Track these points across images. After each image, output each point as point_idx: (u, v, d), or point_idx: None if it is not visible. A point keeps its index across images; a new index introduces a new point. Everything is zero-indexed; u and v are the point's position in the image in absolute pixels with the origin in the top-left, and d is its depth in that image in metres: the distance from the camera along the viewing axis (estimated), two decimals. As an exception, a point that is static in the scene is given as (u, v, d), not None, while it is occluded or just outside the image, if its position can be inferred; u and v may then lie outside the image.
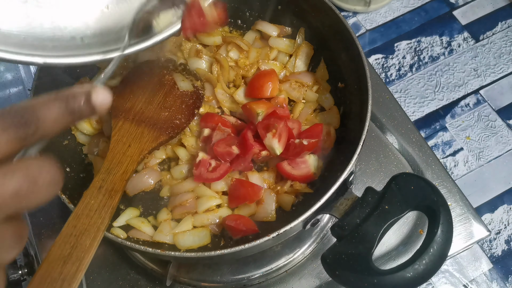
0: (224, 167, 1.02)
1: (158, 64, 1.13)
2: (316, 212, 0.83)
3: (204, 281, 1.10)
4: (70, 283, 0.70)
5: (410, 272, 0.77)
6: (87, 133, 1.10)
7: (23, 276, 1.09)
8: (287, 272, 1.12)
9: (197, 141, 1.09)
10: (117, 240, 0.86)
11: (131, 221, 1.00)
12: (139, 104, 1.03)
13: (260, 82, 1.11)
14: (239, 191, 1.01)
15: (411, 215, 1.15)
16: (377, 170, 1.20)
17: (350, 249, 0.80)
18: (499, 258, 1.38)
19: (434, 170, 1.19)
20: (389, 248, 1.13)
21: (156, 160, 1.09)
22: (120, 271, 1.12)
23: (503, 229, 1.43)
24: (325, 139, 1.06)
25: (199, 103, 1.10)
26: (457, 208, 1.16)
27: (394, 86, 1.62)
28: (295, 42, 1.18)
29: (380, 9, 1.74)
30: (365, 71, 0.95)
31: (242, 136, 1.02)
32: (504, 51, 1.66)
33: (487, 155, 1.51)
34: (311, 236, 1.14)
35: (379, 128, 1.24)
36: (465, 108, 1.58)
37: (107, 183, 0.85)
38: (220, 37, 1.18)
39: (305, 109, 1.12)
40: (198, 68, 1.15)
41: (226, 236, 1.00)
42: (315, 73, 1.15)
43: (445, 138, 1.54)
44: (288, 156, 1.02)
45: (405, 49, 1.68)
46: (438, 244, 0.78)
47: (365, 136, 0.90)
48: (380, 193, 0.84)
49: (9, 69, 1.39)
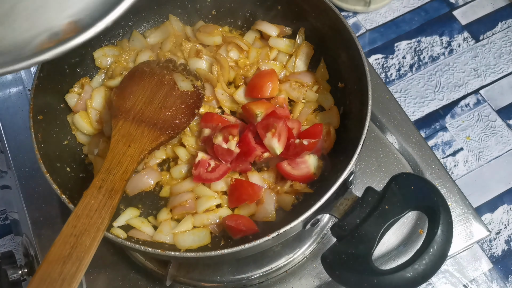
0: (224, 168, 1.02)
1: (158, 65, 1.13)
2: (316, 212, 0.83)
3: (204, 281, 1.10)
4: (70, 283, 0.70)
5: (410, 272, 0.77)
6: (87, 133, 1.10)
7: (23, 276, 1.09)
8: (287, 272, 1.12)
9: (197, 141, 1.09)
10: (117, 240, 0.86)
11: (131, 221, 1.00)
12: (139, 104, 1.03)
13: (260, 82, 1.11)
14: (239, 191, 1.01)
15: (411, 215, 1.15)
16: (377, 170, 1.20)
17: (350, 249, 0.81)
18: (499, 258, 1.38)
19: (434, 170, 1.19)
20: (389, 248, 1.13)
21: (156, 160, 1.09)
22: (120, 271, 1.12)
23: (503, 229, 1.43)
24: (325, 139, 1.06)
25: (199, 103, 1.09)
26: (457, 208, 1.16)
27: (394, 86, 1.62)
28: (295, 42, 1.18)
29: (380, 9, 1.74)
30: (365, 71, 0.95)
31: (243, 138, 1.02)
32: (504, 51, 1.66)
33: (487, 155, 1.51)
34: (311, 236, 1.14)
35: (379, 128, 1.24)
36: (465, 108, 1.58)
37: (107, 183, 0.85)
38: (220, 37, 1.18)
39: (305, 109, 1.12)
40: (198, 68, 1.15)
41: (226, 236, 1.00)
42: (315, 73, 1.15)
43: (445, 138, 1.54)
44: (288, 156, 1.02)
45: (405, 49, 1.68)
46: (438, 244, 0.78)
47: (365, 136, 0.90)
48: (380, 193, 0.84)
49: (9, 69, 1.39)
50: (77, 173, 1.05)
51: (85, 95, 1.10)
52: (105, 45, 1.18)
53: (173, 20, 1.21)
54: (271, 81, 1.11)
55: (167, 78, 1.09)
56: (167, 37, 1.20)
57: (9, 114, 1.32)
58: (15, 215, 1.41)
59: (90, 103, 1.10)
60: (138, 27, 1.22)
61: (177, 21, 1.22)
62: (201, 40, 1.19)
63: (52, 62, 1.02)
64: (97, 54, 1.16)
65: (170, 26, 1.20)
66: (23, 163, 1.24)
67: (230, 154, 1.01)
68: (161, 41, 1.21)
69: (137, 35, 1.20)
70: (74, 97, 1.10)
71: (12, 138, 1.27)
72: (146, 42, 1.21)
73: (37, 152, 0.92)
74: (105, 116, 1.10)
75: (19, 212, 1.31)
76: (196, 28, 1.22)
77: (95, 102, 1.10)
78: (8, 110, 1.32)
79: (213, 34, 1.18)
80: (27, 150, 1.24)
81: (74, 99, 1.10)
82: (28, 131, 0.94)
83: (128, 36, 1.21)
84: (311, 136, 1.02)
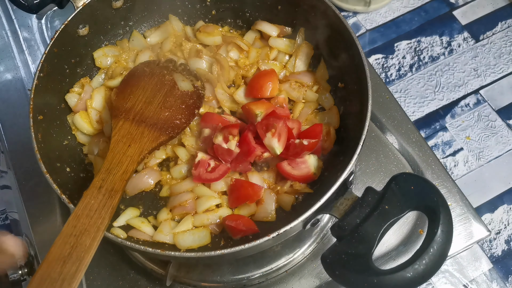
0: (223, 168, 1.02)
1: (158, 65, 1.13)
2: (316, 212, 0.83)
3: (204, 281, 1.10)
4: (70, 283, 0.70)
5: (410, 272, 0.77)
6: (87, 133, 1.10)
7: (23, 276, 1.09)
8: (287, 272, 1.12)
9: (197, 141, 1.09)
10: (117, 240, 0.86)
11: (131, 221, 1.00)
12: (139, 104, 1.03)
13: (260, 82, 1.11)
14: (239, 191, 1.01)
15: (411, 215, 1.15)
16: (377, 170, 1.20)
17: (350, 249, 0.80)
18: (499, 258, 1.38)
19: (434, 170, 1.19)
20: (389, 248, 1.13)
21: (156, 160, 1.09)
22: (120, 271, 1.12)
23: (503, 229, 1.43)
24: (325, 139, 1.06)
25: (199, 103, 1.10)
26: (457, 208, 1.16)
27: (394, 86, 1.62)
28: (295, 42, 1.18)
29: (380, 9, 1.74)
30: (365, 71, 0.95)
31: (243, 139, 1.02)
32: (504, 51, 1.66)
33: (487, 155, 1.51)
34: (311, 236, 1.14)
35: (379, 128, 1.24)
36: (465, 108, 1.58)
37: (107, 183, 0.85)
38: (220, 37, 1.18)
39: (305, 109, 1.12)
40: (198, 68, 1.15)
41: (226, 236, 1.00)
42: (315, 73, 1.15)
43: (445, 138, 1.54)
44: (288, 156, 1.02)
45: (405, 49, 1.68)
46: (438, 244, 0.78)
47: (365, 136, 0.90)
48: (380, 193, 0.84)
49: (9, 69, 1.39)
50: (77, 173, 1.05)
51: (85, 95, 1.10)
52: (105, 45, 1.18)
53: (173, 20, 1.21)
54: (271, 81, 1.11)
55: (167, 78, 1.09)
56: (167, 37, 1.20)
57: (9, 114, 1.32)
58: (15, 215, 1.41)
59: (90, 103, 1.10)
60: (138, 27, 1.22)
61: (177, 21, 1.22)
62: (201, 40, 1.19)
63: (52, 62, 1.03)
64: (97, 54, 1.16)
65: (170, 26, 1.20)
66: (23, 163, 1.24)
67: (230, 154, 1.01)
68: (161, 41, 1.21)
69: (137, 35, 1.20)
70: (74, 97, 1.10)
71: (12, 138, 1.27)
72: (146, 42, 1.21)
73: (37, 152, 0.92)
74: (105, 116, 1.10)
75: (19, 212, 1.31)
76: (196, 28, 1.22)
77: (95, 102, 1.10)
78: (8, 110, 1.32)
79: (213, 34, 1.18)
80: (27, 150, 1.24)
81: (74, 99, 1.10)
82: (28, 131, 0.94)
83: (128, 36, 1.21)
84: (311, 136, 1.02)
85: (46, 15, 1.49)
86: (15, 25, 1.47)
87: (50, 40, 1.02)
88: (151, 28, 1.23)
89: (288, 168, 1.01)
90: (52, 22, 1.49)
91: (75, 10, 1.05)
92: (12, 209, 1.45)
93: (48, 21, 1.49)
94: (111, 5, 1.12)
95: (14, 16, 1.48)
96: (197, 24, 1.23)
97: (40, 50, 1.44)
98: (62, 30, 1.03)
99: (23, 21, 1.48)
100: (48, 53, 1.01)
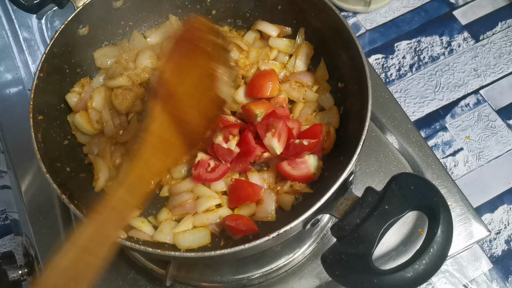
0: (223, 168, 1.02)
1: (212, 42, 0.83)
2: (316, 212, 0.83)
3: (204, 281, 1.10)
4: None
5: (410, 272, 0.77)
6: (87, 133, 1.10)
7: (23, 276, 1.09)
8: (287, 272, 1.12)
9: (197, 141, 1.09)
10: (117, 240, 0.86)
11: (131, 221, 1.00)
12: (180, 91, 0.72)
13: (260, 82, 1.11)
14: (239, 191, 1.01)
15: (411, 215, 1.15)
16: (377, 170, 1.20)
17: (350, 249, 0.80)
18: (499, 258, 1.38)
19: (434, 170, 1.19)
20: (389, 248, 1.13)
21: (156, 160, 1.09)
22: (120, 271, 1.12)
23: (503, 229, 1.43)
24: (325, 139, 1.06)
25: (216, 123, 0.87)
26: (457, 208, 1.16)
27: (394, 86, 1.62)
28: (295, 42, 1.18)
29: (380, 9, 1.74)
30: (365, 71, 0.95)
31: (243, 139, 1.02)
32: (504, 51, 1.66)
33: (487, 155, 1.51)
34: (311, 236, 1.14)
35: (379, 128, 1.24)
36: (465, 108, 1.58)
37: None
38: (220, 37, 1.18)
39: (305, 109, 1.12)
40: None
41: (226, 236, 1.00)
42: (315, 73, 1.15)
43: (445, 138, 1.54)
44: (288, 156, 1.02)
45: (405, 49, 1.68)
46: (438, 244, 0.78)
47: (365, 136, 0.90)
48: (380, 193, 0.84)
49: (9, 69, 1.39)
50: (77, 173, 1.05)
51: (86, 95, 1.10)
52: (105, 45, 1.18)
53: (173, 20, 1.21)
54: (271, 81, 1.11)
55: (211, 72, 0.81)
56: (167, 37, 1.20)
57: (9, 114, 1.32)
58: (15, 215, 1.41)
59: (91, 103, 1.10)
60: (138, 27, 1.22)
61: (177, 21, 1.22)
62: (201, 40, 1.19)
63: (52, 62, 1.03)
64: (98, 54, 1.16)
65: (170, 26, 1.20)
66: (23, 163, 1.24)
67: (230, 154, 1.01)
68: (161, 41, 1.21)
69: (137, 35, 1.20)
70: (74, 97, 1.10)
71: (12, 138, 1.27)
72: (146, 42, 1.21)
73: (37, 152, 0.92)
74: (105, 116, 1.10)
75: (19, 212, 1.31)
76: (196, 28, 1.22)
77: (95, 102, 1.10)
78: (8, 110, 1.32)
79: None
80: (27, 150, 1.24)
81: (74, 98, 1.10)
82: (28, 131, 0.94)
83: (128, 36, 1.21)
84: (311, 136, 1.02)
85: (46, 15, 1.49)
86: (15, 25, 1.47)
87: (50, 40, 1.02)
88: (151, 28, 1.22)
89: (288, 168, 1.01)
90: (52, 22, 1.48)
91: (75, 10, 1.05)
92: (12, 209, 1.45)
93: (48, 21, 1.49)
94: (111, 5, 1.12)
95: (14, 16, 1.48)
96: (197, 24, 1.23)
97: (40, 50, 1.44)
98: (62, 30, 1.03)
99: (23, 21, 1.48)
100: (48, 53, 1.01)
